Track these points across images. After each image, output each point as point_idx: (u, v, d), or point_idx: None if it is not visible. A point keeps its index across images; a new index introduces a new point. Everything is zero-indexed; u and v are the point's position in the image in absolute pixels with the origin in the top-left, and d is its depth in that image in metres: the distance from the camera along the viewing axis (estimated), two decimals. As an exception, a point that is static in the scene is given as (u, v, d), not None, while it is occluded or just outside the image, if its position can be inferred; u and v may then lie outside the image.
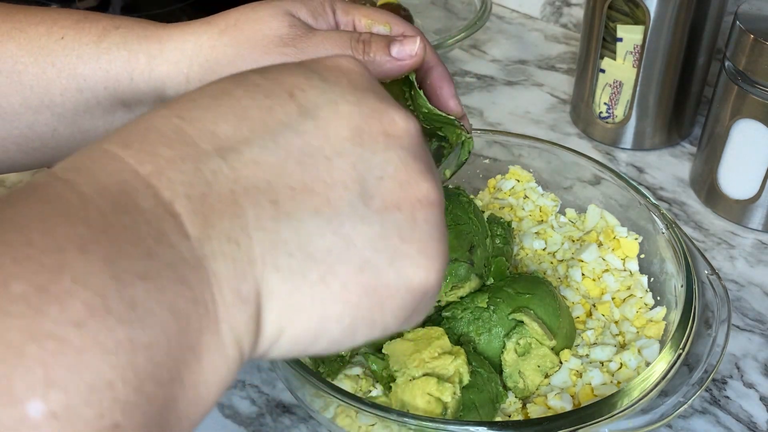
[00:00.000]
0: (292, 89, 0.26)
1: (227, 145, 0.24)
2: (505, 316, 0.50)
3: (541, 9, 1.02)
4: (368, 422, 0.46)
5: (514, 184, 0.65)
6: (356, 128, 0.26)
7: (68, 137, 0.45)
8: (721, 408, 0.54)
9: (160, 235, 0.22)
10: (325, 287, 0.24)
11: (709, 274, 0.53)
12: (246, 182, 0.24)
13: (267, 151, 0.24)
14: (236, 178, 0.23)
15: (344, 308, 0.25)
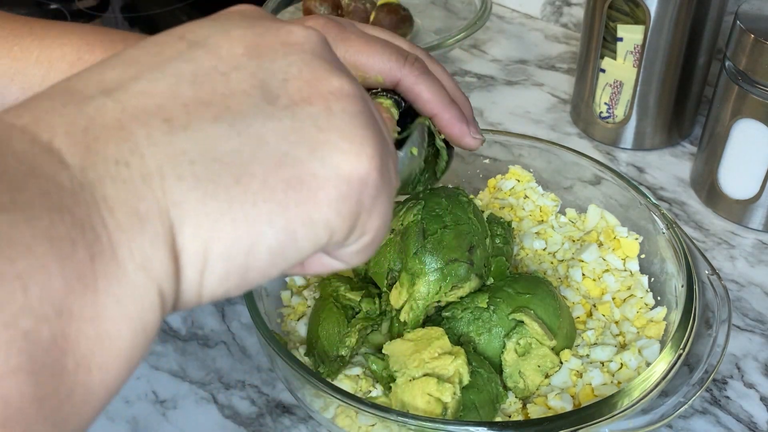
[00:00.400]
0: (184, 33, 0.25)
1: (113, 86, 0.23)
2: (505, 316, 0.50)
3: (541, 9, 1.02)
4: (368, 422, 0.46)
5: (514, 184, 0.65)
6: (251, 44, 0.25)
7: None
8: (721, 408, 0.54)
9: (33, 168, 0.20)
10: (242, 188, 0.22)
11: (709, 274, 0.53)
12: (134, 110, 0.22)
13: (155, 82, 0.23)
14: (123, 108, 0.22)
15: (272, 207, 0.23)
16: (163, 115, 0.22)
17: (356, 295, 0.52)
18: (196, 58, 0.24)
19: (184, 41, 0.25)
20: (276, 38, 0.25)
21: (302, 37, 0.26)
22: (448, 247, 0.49)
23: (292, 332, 0.55)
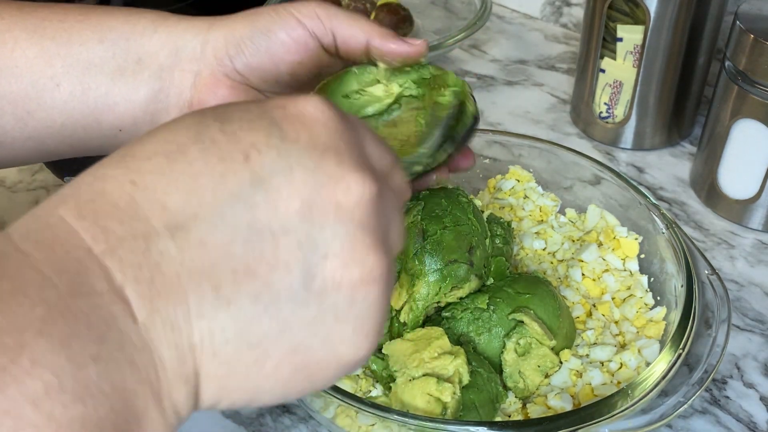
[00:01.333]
0: (249, 150, 0.26)
1: (177, 222, 0.25)
2: (505, 316, 0.50)
3: (541, 9, 1.02)
4: (368, 422, 0.46)
5: (514, 184, 0.65)
6: (307, 200, 0.26)
7: None
8: (721, 408, 0.54)
9: (111, 319, 0.23)
10: (258, 368, 0.26)
11: (709, 274, 0.53)
12: (191, 264, 0.25)
13: (215, 229, 0.25)
14: (182, 260, 0.25)
15: (276, 383, 0.27)
16: (214, 279, 0.25)
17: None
18: (255, 206, 0.26)
19: (248, 167, 0.26)
20: (332, 196, 0.27)
21: (355, 199, 0.27)
22: (447, 248, 0.49)
23: (292, 332, 0.55)
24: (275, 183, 0.26)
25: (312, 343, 0.27)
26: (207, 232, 0.25)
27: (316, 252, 0.26)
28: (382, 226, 0.29)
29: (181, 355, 0.25)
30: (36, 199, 0.73)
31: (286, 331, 0.26)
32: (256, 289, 0.26)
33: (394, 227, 0.31)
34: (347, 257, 0.27)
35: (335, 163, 0.27)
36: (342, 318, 0.27)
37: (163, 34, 0.45)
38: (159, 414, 0.25)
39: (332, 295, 0.27)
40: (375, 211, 0.28)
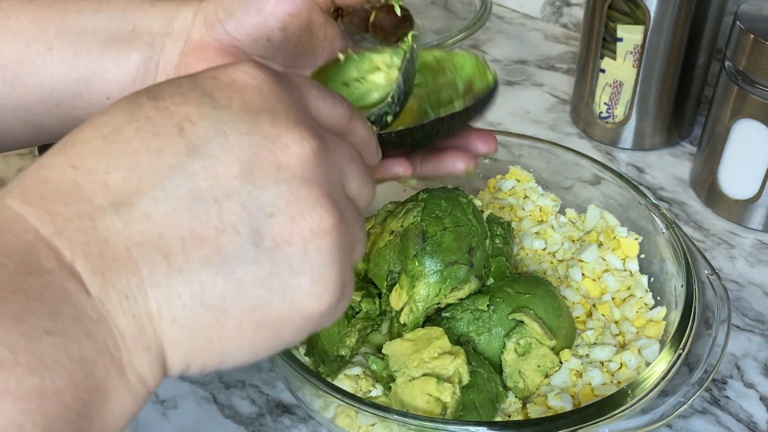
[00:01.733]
0: (182, 123, 0.27)
1: (120, 199, 0.26)
2: (505, 316, 0.50)
3: (541, 9, 1.02)
4: (368, 422, 0.46)
5: (514, 184, 0.65)
6: (246, 163, 0.27)
7: None
8: (721, 408, 0.54)
9: (64, 293, 0.24)
10: (221, 329, 0.27)
11: (709, 274, 0.53)
12: (139, 237, 0.25)
13: (157, 201, 0.26)
14: (130, 234, 0.25)
15: (242, 342, 0.28)
16: (163, 249, 0.26)
17: (356, 295, 0.52)
18: (194, 174, 0.26)
19: (183, 138, 0.27)
20: (271, 156, 0.27)
21: (295, 157, 0.28)
22: (447, 250, 0.49)
23: (292, 332, 0.55)
24: (211, 150, 0.27)
25: (271, 298, 0.27)
26: (150, 205, 0.26)
27: (261, 211, 0.27)
28: (331, 179, 0.29)
29: (140, 324, 0.25)
30: (36, 199, 0.73)
31: (242, 291, 0.27)
32: (205, 254, 0.26)
33: (353, 178, 0.31)
34: (293, 212, 0.27)
35: (270, 123, 0.28)
36: (298, 271, 0.27)
37: (159, 7, 0.46)
38: (123, 382, 0.25)
39: (284, 250, 0.27)
40: (319, 165, 0.28)
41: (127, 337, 0.25)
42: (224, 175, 0.27)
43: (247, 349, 0.28)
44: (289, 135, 0.28)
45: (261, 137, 0.27)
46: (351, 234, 0.30)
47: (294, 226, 0.27)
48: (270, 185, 0.27)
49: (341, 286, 0.29)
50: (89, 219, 0.25)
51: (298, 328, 0.29)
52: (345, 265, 0.29)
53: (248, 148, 0.27)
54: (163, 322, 0.26)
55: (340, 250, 0.29)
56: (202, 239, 0.26)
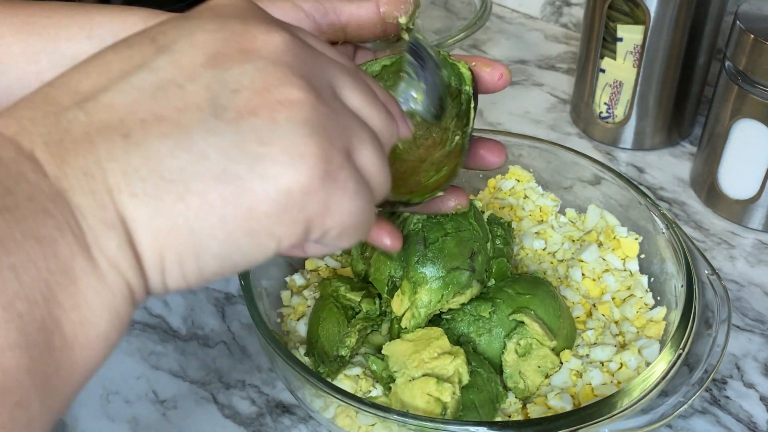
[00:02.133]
0: (155, 35, 0.27)
1: (86, 97, 0.26)
2: (506, 317, 0.50)
3: (541, 9, 1.02)
4: (368, 422, 0.46)
5: (514, 184, 0.65)
6: (212, 52, 0.27)
7: None
8: (721, 408, 0.54)
9: (19, 175, 0.23)
10: (184, 205, 0.25)
11: (709, 274, 0.53)
12: (100, 124, 0.25)
13: (121, 93, 0.26)
14: (91, 122, 0.25)
15: (211, 221, 0.25)
16: (123, 130, 0.25)
17: (356, 296, 0.52)
18: (159, 68, 0.26)
19: (153, 45, 0.27)
20: (237, 45, 0.27)
21: (262, 43, 0.27)
22: (449, 255, 0.49)
23: (292, 332, 0.55)
24: (178, 47, 0.27)
25: (237, 169, 0.25)
26: (114, 97, 0.26)
27: (225, 88, 0.26)
28: (308, 68, 0.28)
29: (100, 200, 0.24)
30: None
31: (203, 161, 0.25)
32: (165, 129, 0.25)
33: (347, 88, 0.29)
34: (260, 87, 0.26)
35: (239, 22, 0.28)
36: (267, 140, 0.26)
37: None
38: (89, 263, 0.24)
39: (249, 120, 0.26)
40: (290, 52, 0.28)
41: (87, 213, 0.24)
42: (189, 65, 0.26)
43: (221, 233, 0.26)
44: (258, 28, 0.28)
45: (229, 32, 0.27)
46: (341, 122, 0.28)
47: (259, 98, 0.26)
48: (235, 66, 0.26)
49: (323, 161, 0.26)
50: (53, 115, 0.25)
51: (277, 208, 0.26)
52: (329, 143, 0.27)
53: (215, 41, 0.27)
54: (124, 195, 0.24)
55: (317, 124, 0.27)
56: (163, 119, 0.25)
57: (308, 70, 0.28)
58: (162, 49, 0.27)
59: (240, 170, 0.25)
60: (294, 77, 0.27)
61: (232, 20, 0.28)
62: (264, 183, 0.26)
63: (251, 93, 0.26)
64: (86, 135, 0.25)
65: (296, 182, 0.26)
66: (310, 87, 0.27)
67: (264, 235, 0.26)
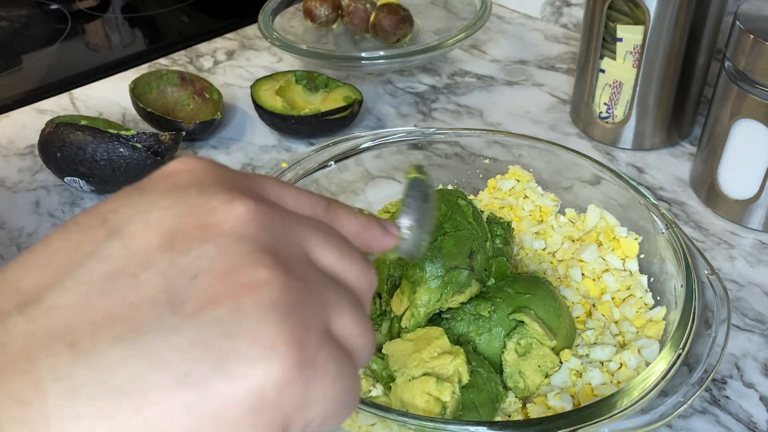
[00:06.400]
0: (107, 215, 0.25)
1: (28, 299, 0.23)
2: (506, 317, 0.50)
3: (541, 9, 1.02)
4: (368, 422, 0.46)
5: (514, 184, 0.65)
6: (167, 233, 0.24)
7: None
8: (721, 408, 0.54)
9: None
10: (141, 419, 0.21)
11: (709, 274, 0.53)
12: (42, 333, 0.22)
13: (67, 292, 0.23)
14: (33, 330, 0.22)
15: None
16: (70, 337, 0.22)
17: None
18: (111, 256, 0.23)
19: (105, 227, 0.24)
20: (195, 221, 0.24)
21: (222, 216, 0.24)
22: (448, 255, 0.49)
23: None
24: (131, 230, 0.24)
25: (200, 372, 0.22)
26: (59, 297, 0.23)
27: (183, 276, 0.23)
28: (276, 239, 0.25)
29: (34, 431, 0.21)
30: (36, 199, 0.73)
31: (163, 366, 0.22)
32: (117, 332, 0.22)
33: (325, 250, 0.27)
34: (221, 270, 0.23)
35: (197, 193, 0.25)
36: (232, 333, 0.22)
37: None
38: None
39: (211, 312, 0.23)
40: (255, 222, 0.25)
41: None
42: (143, 250, 0.23)
43: None
44: (218, 198, 0.25)
45: (186, 207, 0.24)
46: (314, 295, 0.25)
47: (221, 284, 0.23)
48: (194, 248, 0.24)
49: (297, 349, 0.23)
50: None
51: (249, 411, 0.22)
52: (302, 326, 0.23)
53: (170, 219, 0.24)
54: (66, 421, 0.21)
55: (288, 304, 0.23)
56: (116, 319, 0.22)
57: (275, 239, 0.25)
58: (113, 233, 0.24)
59: (202, 373, 0.22)
60: (259, 253, 0.24)
61: (189, 191, 0.25)
62: (232, 384, 0.22)
63: (212, 278, 0.23)
64: (25, 350, 0.22)
65: (268, 378, 0.22)
66: (277, 262, 0.24)
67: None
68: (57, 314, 0.22)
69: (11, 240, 0.69)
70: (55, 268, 0.23)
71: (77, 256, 0.24)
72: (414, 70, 0.93)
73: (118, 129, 0.70)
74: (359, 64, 0.86)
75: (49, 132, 0.69)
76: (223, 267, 0.23)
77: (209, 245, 0.24)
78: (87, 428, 0.21)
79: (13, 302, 0.23)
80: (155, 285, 0.23)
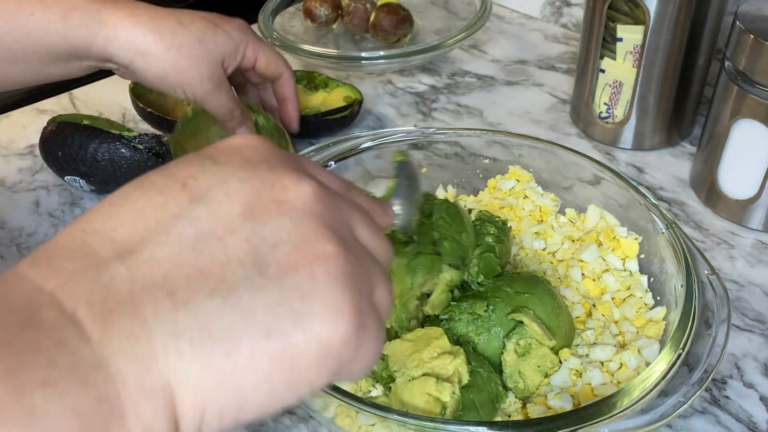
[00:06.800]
0: (186, 179, 0.28)
1: (125, 248, 0.26)
2: (505, 316, 0.50)
3: (541, 9, 1.02)
4: (368, 422, 0.46)
5: (514, 184, 0.65)
6: (247, 203, 0.28)
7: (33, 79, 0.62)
8: (721, 408, 0.54)
9: (62, 342, 0.23)
10: (232, 362, 0.25)
11: (709, 274, 0.53)
12: (143, 280, 0.25)
13: (162, 246, 0.26)
14: (134, 278, 0.25)
15: (257, 376, 0.26)
16: (168, 287, 0.25)
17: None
18: (197, 219, 0.27)
19: (186, 192, 0.27)
20: (270, 195, 0.28)
21: (294, 194, 0.29)
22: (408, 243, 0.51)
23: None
24: (213, 196, 0.27)
25: (283, 325, 0.26)
26: (155, 250, 0.26)
27: (265, 242, 0.27)
28: (334, 216, 0.29)
29: (144, 365, 0.24)
30: (36, 199, 0.73)
31: (251, 318, 0.26)
32: (211, 286, 0.26)
33: (361, 226, 0.31)
34: (297, 241, 0.27)
35: (268, 170, 0.29)
36: (307, 295, 0.27)
37: None
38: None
39: (291, 276, 0.27)
40: (319, 201, 0.29)
41: (129, 381, 0.24)
42: (227, 216, 0.27)
43: (265, 387, 0.26)
44: (288, 177, 0.29)
45: (260, 181, 0.28)
46: (363, 269, 0.29)
47: (298, 253, 0.27)
48: (272, 219, 0.27)
49: (357, 313, 0.28)
50: (94, 269, 0.25)
51: (317, 360, 0.27)
52: (359, 294, 0.28)
53: (249, 191, 0.28)
54: (170, 358, 0.25)
55: (349, 275, 0.28)
56: (207, 274, 0.26)
57: (334, 218, 0.29)
58: (197, 198, 0.27)
59: (285, 326, 0.26)
60: (326, 230, 0.28)
61: (261, 167, 0.29)
62: (308, 338, 0.26)
63: (290, 248, 0.27)
64: (130, 294, 0.25)
65: (336, 335, 0.27)
66: (339, 239, 0.28)
67: (302, 384, 0.27)
68: (154, 266, 0.25)
69: (11, 240, 0.69)
70: (146, 224, 0.26)
71: (165, 216, 0.27)
72: (414, 70, 0.93)
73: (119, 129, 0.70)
74: (359, 64, 0.86)
75: (50, 130, 0.69)
76: (299, 238, 0.27)
77: (285, 218, 0.28)
78: (187, 363, 0.25)
79: (111, 251, 0.26)
80: (240, 248, 0.26)
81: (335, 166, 0.63)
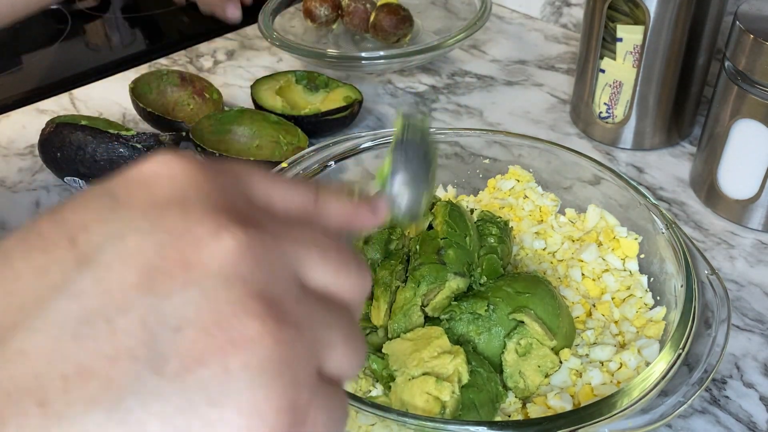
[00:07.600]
0: (75, 233, 0.22)
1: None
2: (505, 316, 0.50)
3: (541, 9, 1.02)
4: (368, 422, 0.46)
5: (513, 184, 0.65)
6: (145, 268, 0.21)
7: None
8: (720, 408, 0.54)
9: None
10: None
11: (709, 274, 0.53)
12: (10, 383, 0.20)
13: (36, 333, 0.20)
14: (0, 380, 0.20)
15: None
16: (39, 394, 0.20)
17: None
18: (82, 292, 0.21)
19: (74, 251, 0.22)
20: (177, 254, 0.22)
21: (208, 252, 0.22)
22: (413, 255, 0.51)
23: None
24: (104, 259, 0.21)
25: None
26: (26, 340, 0.20)
27: (165, 326, 0.21)
28: (269, 273, 0.23)
29: None
30: (36, 199, 0.73)
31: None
32: (92, 392, 0.20)
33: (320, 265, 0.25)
34: (208, 321, 0.21)
35: (179, 216, 0.22)
36: (218, 399, 0.21)
37: None
38: None
39: (197, 373, 0.21)
40: (245, 258, 0.22)
41: None
42: (119, 288, 0.21)
43: None
44: (203, 226, 0.22)
45: (166, 234, 0.22)
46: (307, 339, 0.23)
47: (208, 339, 0.21)
48: (177, 291, 0.21)
49: (287, 413, 0.21)
50: None
51: None
52: (293, 385, 0.22)
53: (149, 250, 0.21)
54: None
55: (278, 362, 0.21)
56: (89, 374, 0.20)
57: (266, 274, 0.23)
58: (84, 261, 0.21)
59: None
60: (249, 300, 0.22)
61: (171, 211, 0.22)
62: None
63: (197, 332, 0.21)
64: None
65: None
66: (269, 309, 0.22)
67: None
68: (24, 362, 0.20)
69: (11, 240, 0.69)
70: (21, 299, 0.21)
71: (45, 288, 0.21)
72: (414, 70, 0.93)
73: (118, 129, 0.70)
74: (359, 64, 0.86)
75: (49, 132, 0.69)
76: (210, 318, 0.21)
77: (194, 290, 0.21)
78: None
79: None
80: (133, 335, 0.21)
81: (335, 166, 0.64)
